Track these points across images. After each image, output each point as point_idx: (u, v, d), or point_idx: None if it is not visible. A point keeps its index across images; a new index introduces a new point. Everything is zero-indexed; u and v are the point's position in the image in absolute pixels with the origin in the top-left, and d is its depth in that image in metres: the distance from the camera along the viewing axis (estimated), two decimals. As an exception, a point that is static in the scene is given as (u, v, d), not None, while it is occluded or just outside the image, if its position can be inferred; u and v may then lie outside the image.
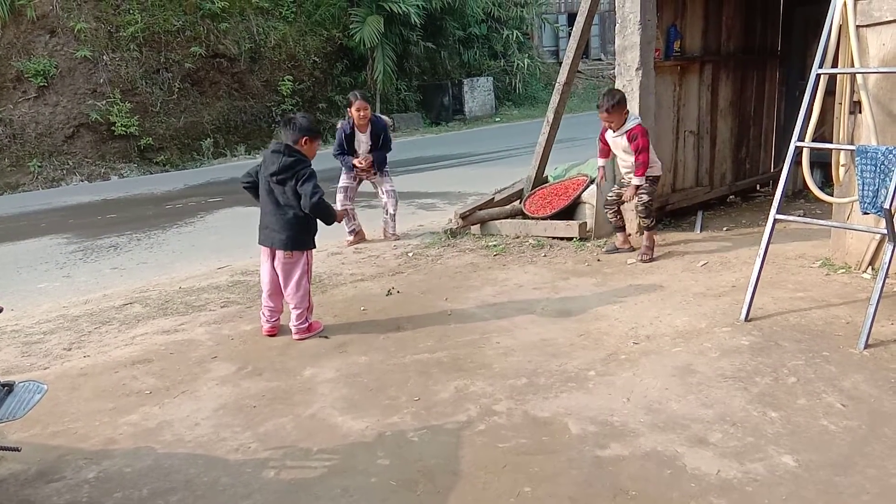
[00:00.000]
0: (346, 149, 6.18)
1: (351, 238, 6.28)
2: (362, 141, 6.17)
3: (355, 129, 6.12)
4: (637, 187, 5.02)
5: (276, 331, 4.12)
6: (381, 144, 6.21)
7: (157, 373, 3.68)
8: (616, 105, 4.99)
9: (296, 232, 3.89)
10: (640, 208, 5.08)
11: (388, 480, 2.58)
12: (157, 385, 3.53)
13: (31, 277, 6.14)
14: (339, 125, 6.31)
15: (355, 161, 6.13)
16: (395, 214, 6.42)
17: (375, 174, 6.30)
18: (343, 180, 6.31)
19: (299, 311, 3.99)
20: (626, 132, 4.98)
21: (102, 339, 4.28)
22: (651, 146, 5.08)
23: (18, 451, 2.75)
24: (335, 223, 4.10)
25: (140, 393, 3.45)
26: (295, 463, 2.75)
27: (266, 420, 3.10)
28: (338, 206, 6.06)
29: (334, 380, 3.47)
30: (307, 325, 4.04)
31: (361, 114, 6.04)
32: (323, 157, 5.58)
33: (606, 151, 5.28)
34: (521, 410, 3.03)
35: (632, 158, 5.00)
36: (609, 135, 5.13)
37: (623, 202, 5.23)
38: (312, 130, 3.97)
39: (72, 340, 4.27)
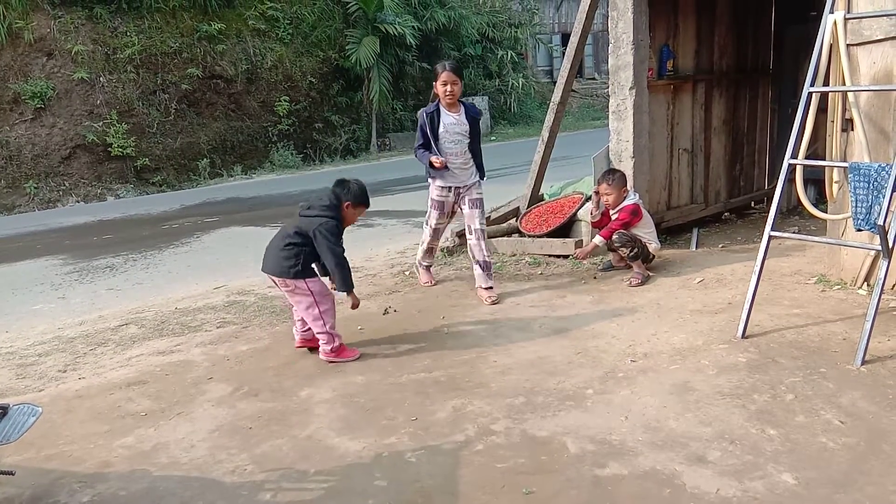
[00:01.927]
0: (431, 139, 4.71)
1: (426, 274, 5.30)
2: (453, 123, 4.73)
3: (441, 108, 4.74)
4: (596, 246, 5.17)
5: (308, 344, 4.03)
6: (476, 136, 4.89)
7: (152, 394, 3.66)
8: (614, 180, 5.15)
9: (283, 258, 3.76)
10: (622, 251, 5.09)
11: (386, 502, 2.56)
12: (153, 407, 3.51)
13: (27, 299, 6.11)
14: (419, 113, 4.91)
15: (434, 159, 4.65)
16: (488, 262, 4.90)
17: (469, 187, 4.89)
18: (433, 217, 5.05)
19: (319, 335, 3.89)
20: (619, 210, 5.15)
21: (98, 360, 4.25)
22: (651, 224, 5.27)
23: (13, 474, 2.73)
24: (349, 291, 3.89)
25: (135, 415, 3.43)
26: (291, 485, 2.72)
27: (262, 442, 3.07)
28: (423, 244, 5.17)
29: (331, 400, 3.45)
30: (332, 347, 3.88)
31: (449, 88, 4.61)
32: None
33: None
34: (520, 430, 3.02)
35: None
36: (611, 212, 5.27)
37: (579, 258, 5.36)
38: (360, 197, 3.86)
39: (67, 362, 4.24)
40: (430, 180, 4.91)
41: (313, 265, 3.87)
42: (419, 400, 3.38)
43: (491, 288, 4.86)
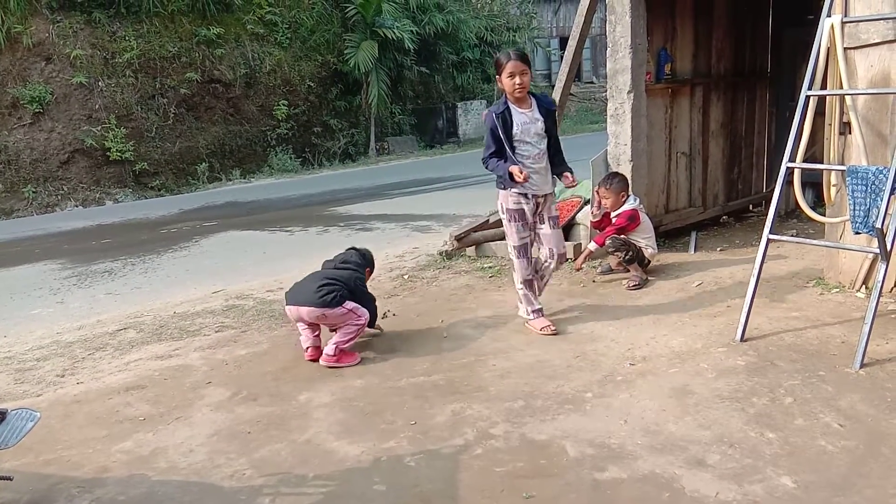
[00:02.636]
0: (504, 143, 4.02)
1: (539, 320, 4.29)
2: (527, 122, 4.04)
3: (510, 106, 4.06)
4: (591, 252, 5.19)
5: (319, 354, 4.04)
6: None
7: (151, 399, 3.65)
8: (612, 185, 5.19)
9: (322, 294, 3.90)
10: (617, 255, 5.12)
11: (385, 506, 2.56)
12: (151, 411, 3.50)
13: (25, 303, 6.10)
14: (483, 114, 4.30)
15: (515, 170, 3.90)
16: (546, 282, 4.45)
17: (547, 198, 4.21)
18: (514, 233, 4.19)
19: (340, 341, 3.92)
20: (618, 215, 5.20)
21: (96, 365, 4.25)
22: (651, 229, 5.30)
23: (10, 479, 2.72)
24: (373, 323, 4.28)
25: (134, 420, 3.42)
26: (290, 490, 2.72)
27: (261, 446, 3.07)
28: (517, 277, 4.33)
29: (330, 404, 3.45)
30: (337, 354, 3.92)
31: (518, 80, 3.92)
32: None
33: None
34: (519, 433, 3.01)
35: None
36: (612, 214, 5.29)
37: (577, 268, 5.35)
38: (374, 264, 4.60)
39: (65, 367, 4.24)
40: (500, 190, 4.20)
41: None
42: (418, 404, 3.37)
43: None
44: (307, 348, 4.03)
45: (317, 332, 4.07)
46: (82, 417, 3.48)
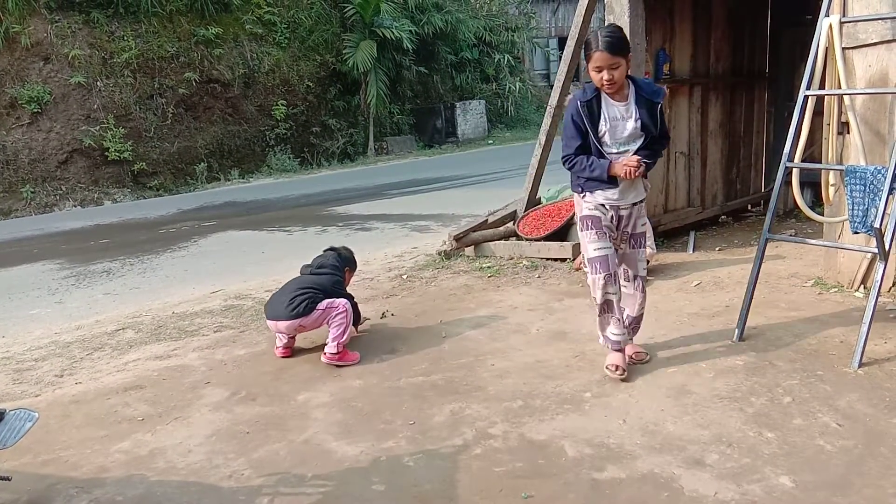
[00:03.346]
0: (591, 139, 3.29)
1: (614, 355, 3.53)
2: (618, 118, 3.28)
3: (602, 96, 3.28)
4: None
5: (288, 353, 4.16)
6: (658, 131, 3.34)
7: (149, 399, 3.65)
8: None
9: (295, 305, 3.94)
10: None
11: (384, 506, 2.56)
12: (150, 412, 3.50)
13: (23, 304, 6.10)
14: (566, 101, 3.59)
15: (619, 166, 3.23)
16: (640, 318, 3.69)
17: (631, 211, 3.45)
18: (589, 242, 3.42)
19: (334, 339, 3.93)
20: None
21: (94, 365, 4.24)
22: (650, 231, 5.22)
23: (9, 480, 2.72)
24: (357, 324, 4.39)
25: (132, 420, 3.42)
26: (289, 490, 2.72)
27: (259, 446, 3.07)
28: (592, 294, 3.52)
29: (328, 404, 3.45)
30: (338, 351, 3.94)
31: (606, 76, 3.14)
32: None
33: None
34: (517, 433, 3.02)
35: None
36: None
37: (577, 268, 5.36)
38: (355, 264, 4.58)
39: (63, 367, 4.23)
40: (577, 195, 3.49)
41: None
42: (417, 404, 3.37)
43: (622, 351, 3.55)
44: (278, 346, 4.15)
45: (292, 335, 4.17)
46: (81, 418, 3.48)
